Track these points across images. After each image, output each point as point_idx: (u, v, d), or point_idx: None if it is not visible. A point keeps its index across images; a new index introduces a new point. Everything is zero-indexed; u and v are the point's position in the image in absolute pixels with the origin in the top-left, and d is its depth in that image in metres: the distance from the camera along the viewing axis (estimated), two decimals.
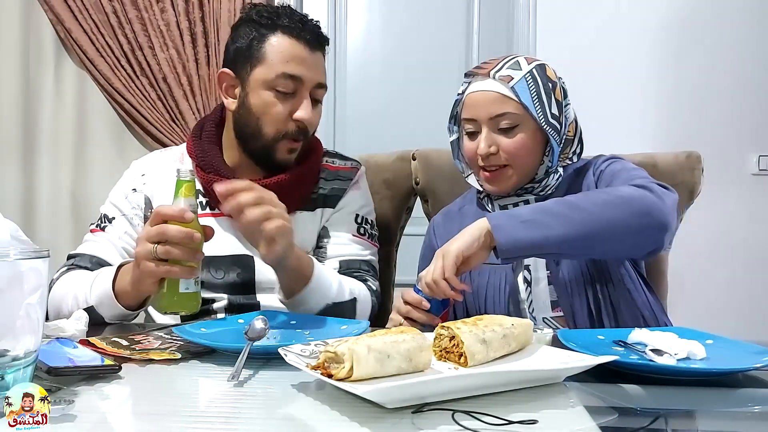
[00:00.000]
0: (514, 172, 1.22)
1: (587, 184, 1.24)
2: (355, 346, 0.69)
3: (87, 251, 1.23)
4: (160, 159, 1.34)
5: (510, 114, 1.19)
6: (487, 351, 0.79)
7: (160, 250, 0.94)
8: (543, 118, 1.20)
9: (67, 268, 1.21)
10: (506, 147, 1.20)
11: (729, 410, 0.75)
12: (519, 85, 1.20)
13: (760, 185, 2.67)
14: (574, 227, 1.03)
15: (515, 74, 1.20)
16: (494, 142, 1.20)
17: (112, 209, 1.27)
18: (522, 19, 2.71)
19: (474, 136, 1.24)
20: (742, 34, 2.67)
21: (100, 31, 2.46)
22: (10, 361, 0.63)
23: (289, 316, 1.08)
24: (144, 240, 0.96)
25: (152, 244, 0.95)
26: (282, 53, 1.19)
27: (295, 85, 1.19)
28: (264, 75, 1.19)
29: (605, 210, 1.05)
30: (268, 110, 1.20)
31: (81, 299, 1.11)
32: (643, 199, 1.05)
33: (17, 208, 2.49)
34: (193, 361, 0.85)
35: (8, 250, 0.65)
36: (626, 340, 0.91)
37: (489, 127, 1.21)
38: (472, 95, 1.24)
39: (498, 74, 1.21)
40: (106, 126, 2.56)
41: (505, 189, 1.24)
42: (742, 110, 2.65)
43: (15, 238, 0.92)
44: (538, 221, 1.04)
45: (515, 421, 0.61)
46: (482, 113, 1.21)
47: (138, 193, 1.28)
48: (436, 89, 2.79)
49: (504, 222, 1.05)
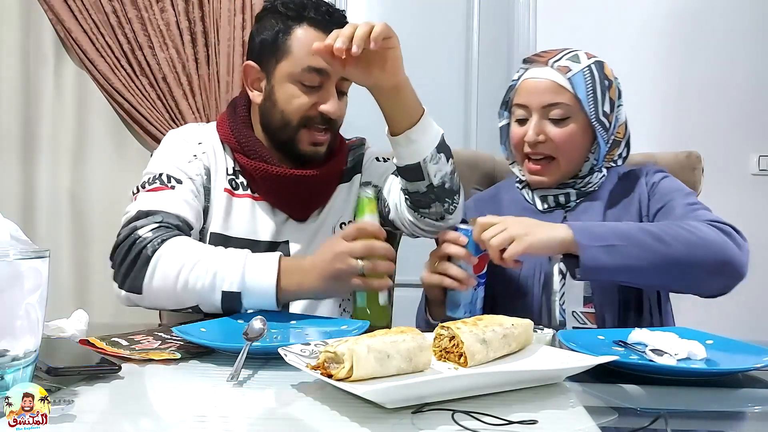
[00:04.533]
0: (558, 164, 1.23)
1: (639, 193, 1.24)
2: (355, 346, 0.69)
3: (167, 209, 1.12)
4: (207, 132, 1.27)
5: (562, 105, 1.20)
6: (487, 351, 0.79)
7: (367, 266, 1.01)
8: (594, 114, 1.21)
9: (161, 226, 1.09)
10: (554, 137, 1.21)
11: (729, 410, 0.75)
12: (576, 77, 1.20)
13: (760, 185, 2.67)
14: (656, 262, 1.04)
15: (573, 66, 1.21)
16: (543, 130, 1.21)
17: (177, 172, 1.18)
18: (522, 19, 2.72)
19: (523, 123, 1.25)
20: (742, 35, 2.67)
21: (100, 30, 2.46)
22: (10, 361, 0.63)
23: (289, 316, 1.08)
24: (348, 255, 1.02)
25: (356, 259, 1.01)
26: (308, 46, 1.14)
27: (321, 78, 1.17)
28: (290, 68, 1.17)
29: (688, 250, 1.04)
30: (293, 102, 1.18)
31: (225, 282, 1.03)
32: (725, 247, 1.06)
33: (17, 208, 2.49)
34: (192, 361, 0.85)
35: (8, 249, 0.65)
36: (626, 340, 0.91)
37: (540, 115, 1.22)
38: (527, 82, 1.24)
39: (556, 64, 1.21)
40: (105, 126, 2.56)
41: (548, 182, 1.25)
42: (742, 110, 2.66)
43: (15, 238, 0.92)
44: (623, 249, 1.03)
45: (515, 421, 0.61)
46: (535, 100, 1.22)
47: (199, 160, 1.21)
48: (436, 89, 2.79)
49: (588, 241, 1.04)
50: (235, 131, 1.24)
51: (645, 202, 1.23)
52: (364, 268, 1.01)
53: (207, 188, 1.21)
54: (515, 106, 1.26)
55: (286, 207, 1.25)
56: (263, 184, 1.22)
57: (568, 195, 1.27)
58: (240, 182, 1.24)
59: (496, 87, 2.80)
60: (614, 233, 1.05)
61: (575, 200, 1.27)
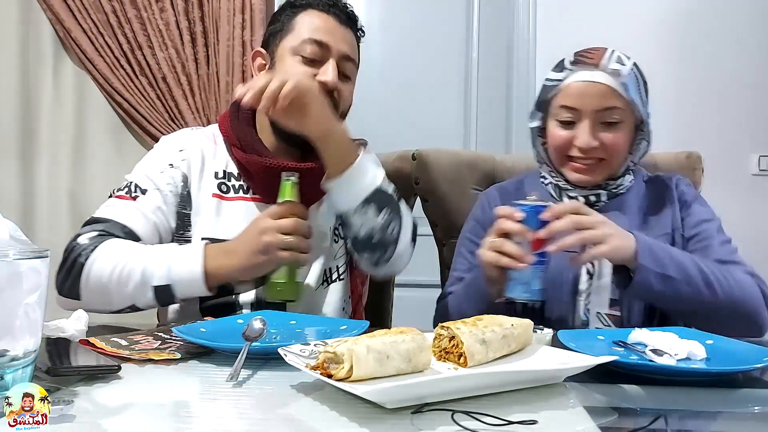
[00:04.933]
0: (607, 165, 1.22)
1: (671, 205, 1.25)
2: (355, 346, 0.69)
3: (116, 218, 1.16)
4: (194, 138, 1.27)
5: (617, 109, 1.19)
6: (486, 351, 0.79)
7: (294, 241, 1.07)
8: (642, 116, 1.21)
9: (99, 234, 1.13)
10: (608, 142, 1.19)
11: (729, 410, 0.75)
12: (628, 80, 1.19)
13: (760, 185, 2.67)
14: (697, 304, 1.07)
15: (623, 69, 1.19)
16: (597, 135, 1.19)
17: (145, 181, 1.20)
18: (522, 19, 2.71)
19: (569, 126, 1.21)
20: (742, 35, 2.67)
21: (100, 30, 2.46)
22: (10, 361, 0.63)
23: (289, 316, 1.08)
24: (275, 230, 1.06)
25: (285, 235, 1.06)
26: (310, 23, 1.20)
27: (322, 51, 1.18)
28: (291, 43, 1.19)
29: (731, 304, 1.08)
30: (292, 72, 1.15)
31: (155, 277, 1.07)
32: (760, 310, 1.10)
33: (16, 208, 2.49)
34: (192, 362, 0.85)
35: (7, 250, 0.65)
36: (626, 341, 0.91)
37: (593, 120, 1.19)
38: (578, 85, 1.20)
39: (609, 67, 1.19)
40: (105, 125, 2.56)
41: (593, 181, 1.24)
42: (742, 110, 2.66)
43: (14, 238, 0.92)
44: (676, 283, 1.05)
45: (515, 422, 0.61)
46: (588, 104, 1.19)
47: (175, 168, 1.22)
48: (436, 89, 2.80)
49: (649, 264, 1.05)
50: (235, 127, 1.24)
51: (677, 218, 1.24)
52: (290, 244, 1.07)
53: (184, 195, 1.21)
54: (561, 108, 1.22)
55: None
56: (258, 179, 1.20)
57: (599, 196, 1.25)
58: (231, 185, 1.23)
59: (496, 87, 2.81)
60: (673, 263, 1.06)
61: (605, 201, 1.25)
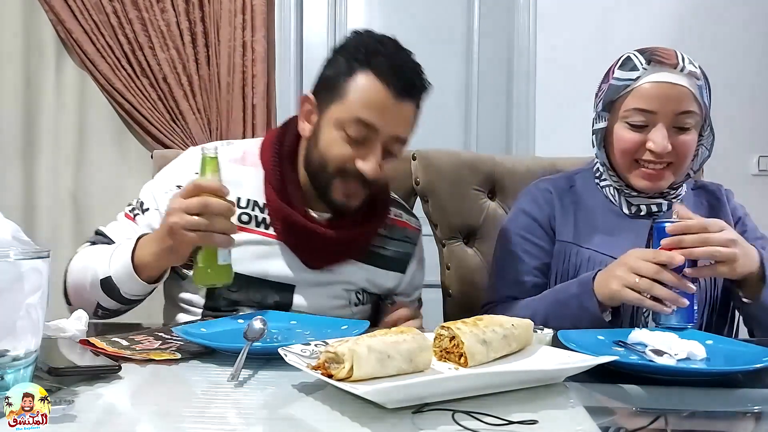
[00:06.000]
0: (675, 170, 1.18)
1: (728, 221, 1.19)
2: (356, 346, 0.69)
3: (112, 234, 1.19)
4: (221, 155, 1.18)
5: (694, 113, 1.15)
6: (487, 351, 0.79)
7: (202, 221, 0.98)
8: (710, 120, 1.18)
9: (90, 244, 1.20)
10: (680, 146, 1.15)
11: (729, 410, 0.75)
12: (703, 83, 1.16)
13: (760, 185, 2.67)
14: None
15: (697, 72, 1.16)
16: (672, 139, 1.15)
17: (150, 199, 1.19)
18: (522, 19, 2.71)
19: (641, 129, 1.16)
20: (742, 34, 2.67)
21: (101, 31, 2.46)
22: (11, 361, 0.63)
23: (289, 316, 1.08)
24: (181, 211, 0.98)
25: (191, 215, 0.97)
26: (362, 95, 1.09)
27: (368, 132, 1.09)
28: (339, 113, 1.10)
29: None
30: (333, 149, 1.11)
31: (100, 271, 1.09)
32: None
33: (18, 208, 2.49)
34: (193, 362, 0.85)
35: (9, 250, 0.65)
36: (626, 341, 0.91)
37: (668, 123, 1.14)
38: (657, 86, 1.14)
39: (686, 68, 1.14)
40: (106, 126, 2.56)
41: (661, 188, 1.20)
42: (742, 110, 2.65)
43: (16, 239, 0.92)
44: None
45: (515, 421, 0.61)
46: (668, 107, 1.13)
47: None
48: (437, 89, 2.79)
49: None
50: (277, 170, 1.17)
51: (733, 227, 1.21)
52: (198, 224, 0.98)
53: None
54: (635, 111, 1.15)
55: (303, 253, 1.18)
56: (284, 228, 1.17)
57: (660, 205, 1.21)
58: (254, 216, 1.18)
59: (496, 87, 2.81)
60: None
61: (665, 210, 1.21)
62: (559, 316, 1.09)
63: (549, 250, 1.25)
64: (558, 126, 2.61)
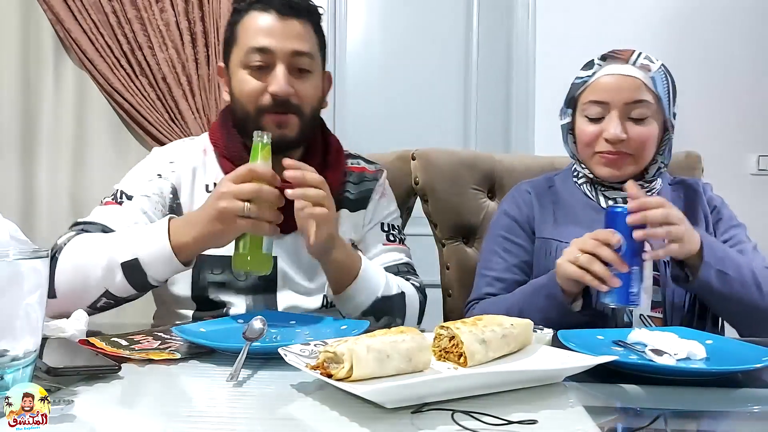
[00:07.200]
0: (634, 161, 1.22)
1: (703, 210, 1.25)
2: (355, 346, 0.69)
3: (98, 220, 1.16)
4: (186, 150, 1.27)
5: (646, 103, 1.19)
6: (486, 351, 0.79)
7: (253, 208, 0.97)
8: (669, 113, 1.21)
9: (76, 233, 1.12)
10: (636, 136, 1.19)
11: (729, 410, 0.75)
12: (656, 75, 1.20)
13: (760, 185, 2.67)
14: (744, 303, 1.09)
15: (652, 65, 1.20)
16: (625, 129, 1.19)
17: (132, 188, 1.20)
18: (522, 19, 2.72)
19: (597, 121, 1.22)
20: (742, 34, 2.67)
21: (100, 31, 2.46)
22: (10, 361, 0.63)
23: (289, 316, 1.08)
24: (232, 197, 0.98)
25: (242, 201, 0.97)
26: (249, 28, 1.16)
27: (267, 57, 1.14)
28: (238, 55, 1.17)
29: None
30: (244, 89, 1.15)
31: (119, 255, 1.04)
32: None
33: (17, 208, 2.49)
34: (192, 361, 0.85)
35: (8, 250, 0.65)
36: (626, 340, 0.91)
37: (621, 113, 1.19)
38: (607, 78, 1.21)
39: (638, 61, 1.20)
40: (105, 126, 2.56)
41: (620, 175, 1.23)
42: (742, 110, 2.66)
43: (14, 238, 0.92)
44: (731, 280, 1.07)
45: (515, 421, 0.61)
46: (617, 97, 1.19)
47: (164, 179, 1.21)
48: (436, 89, 2.80)
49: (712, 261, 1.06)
50: (224, 135, 1.23)
51: (710, 221, 1.25)
52: (250, 211, 0.97)
53: (173, 207, 1.20)
54: (590, 103, 1.22)
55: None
56: None
57: None
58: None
59: (495, 87, 2.81)
60: (732, 262, 1.08)
61: None
62: (531, 307, 1.12)
63: (529, 249, 1.30)
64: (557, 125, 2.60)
